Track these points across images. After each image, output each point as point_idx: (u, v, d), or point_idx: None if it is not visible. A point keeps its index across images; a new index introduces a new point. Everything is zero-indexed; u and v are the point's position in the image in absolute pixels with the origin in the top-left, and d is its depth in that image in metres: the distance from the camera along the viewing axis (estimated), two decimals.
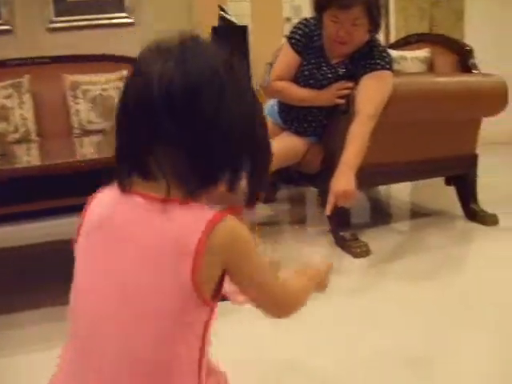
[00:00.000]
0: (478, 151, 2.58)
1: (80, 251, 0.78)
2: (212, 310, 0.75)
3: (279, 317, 0.86)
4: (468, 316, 1.76)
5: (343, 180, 1.97)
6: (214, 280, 0.74)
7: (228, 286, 0.83)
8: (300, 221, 2.76)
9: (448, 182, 2.67)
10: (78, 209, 0.81)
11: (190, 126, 0.70)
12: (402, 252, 2.29)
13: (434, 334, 1.65)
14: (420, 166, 2.42)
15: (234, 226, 0.74)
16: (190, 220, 0.72)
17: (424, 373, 1.46)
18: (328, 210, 1.98)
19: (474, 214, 2.60)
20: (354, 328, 1.72)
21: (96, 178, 0.80)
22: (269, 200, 2.96)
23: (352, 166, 2.00)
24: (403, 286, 1.98)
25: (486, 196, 2.69)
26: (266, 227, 2.66)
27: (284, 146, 2.32)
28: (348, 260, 2.24)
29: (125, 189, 0.74)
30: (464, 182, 2.62)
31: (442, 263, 2.16)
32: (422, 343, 1.60)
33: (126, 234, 0.73)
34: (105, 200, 0.78)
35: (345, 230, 2.33)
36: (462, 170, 2.59)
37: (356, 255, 2.25)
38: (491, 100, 2.45)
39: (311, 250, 2.37)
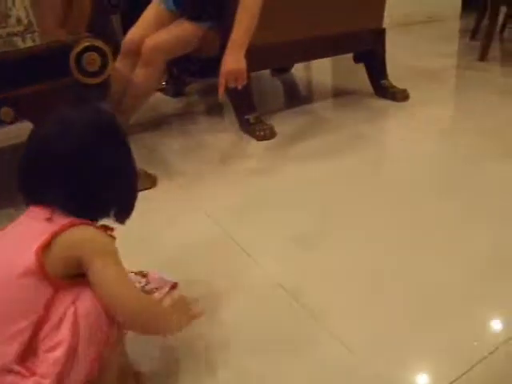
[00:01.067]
0: (387, 30, 2.52)
1: None
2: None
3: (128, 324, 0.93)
4: (367, 191, 1.74)
5: (231, 59, 1.89)
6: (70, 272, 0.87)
7: None
8: (209, 111, 2.69)
9: (357, 60, 2.61)
10: None
11: (60, 184, 0.90)
12: (308, 133, 2.24)
13: (328, 212, 1.63)
14: (322, 43, 2.34)
15: (84, 232, 0.89)
16: (53, 224, 0.87)
17: (308, 247, 1.45)
18: (220, 94, 1.92)
19: (385, 90, 2.57)
20: (251, 209, 1.71)
21: None
22: (178, 94, 2.88)
23: (241, 45, 1.91)
24: (303, 166, 1.95)
25: (397, 72, 2.66)
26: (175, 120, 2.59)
27: (176, 34, 2.20)
28: (252, 144, 2.19)
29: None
30: (373, 58, 2.56)
31: (348, 142, 2.12)
32: (313, 220, 1.59)
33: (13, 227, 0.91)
34: None
35: (249, 114, 2.27)
36: (369, 46, 2.52)
37: (259, 138, 2.20)
38: None
39: (217, 137, 2.31)
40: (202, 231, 1.60)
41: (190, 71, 2.80)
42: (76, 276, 0.87)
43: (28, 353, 0.81)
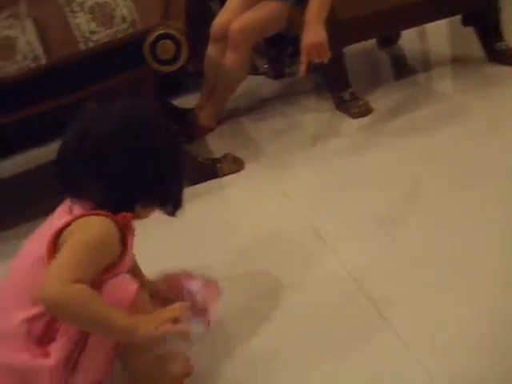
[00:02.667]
0: None
1: None
2: None
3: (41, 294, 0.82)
4: (465, 172, 1.54)
5: (311, 33, 1.81)
6: None
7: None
8: (310, 91, 2.59)
9: (466, 23, 2.37)
10: None
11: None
12: (407, 107, 2.06)
13: (417, 195, 1.49)
14: (422, 7, 2.13)
15: (88, 220, 0.90)
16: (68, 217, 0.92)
17: (395, 232, 1.34)
18: (301, 71, 1.84)
19: (500, 53, 2.28)
20: (334, 191, 1.61)
21: None
22: (279, 76, 2.82)
23: (318, 18, 1.82)
24: (397, 144, 1.79)
25: None
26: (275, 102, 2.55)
27: (261, 14, 2.16)
28: (346, 122, 2.08)
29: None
30: (484, 18, 2.30)
31: (450, 114, 1.91)
32: (399, 203, 1.47)
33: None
34: None
35: (343, 91, 2.15)
36: (479, 5, 2.28)
37: (354, 115, 2.08)
38: None
39: (312, 117, 2.23)
40: (279, 215, 1.57)
41: (287, 52, 2.75)
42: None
43: (44, 337, 0.85)
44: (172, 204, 1.02)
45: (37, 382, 0.84)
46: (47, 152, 2.53)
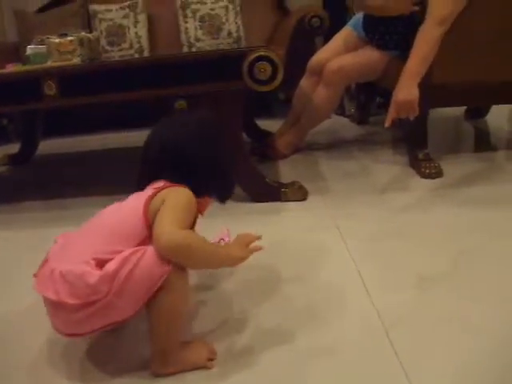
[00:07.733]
0: None
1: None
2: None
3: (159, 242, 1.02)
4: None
5: (405, 89, 1.88)
6: None
7: None
8: (387, 143, 2.66)
9: None
10: None
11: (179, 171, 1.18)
12: (477, 181, 2.07)
13: (465, 261, 1.50)
14: None
15: (178, 189, 1.13)
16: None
17: (431, 291, 1.37)
18: (387, 122, 1.91)
19: None
20: (394, 240, 1.65)
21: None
22: (362, 122, 2.91)
23: (415, 75, 1.89)
24: (457, 211, 1.81)
25: None
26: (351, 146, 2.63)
27: (360, 60, 2.26)
28: (414, 180, 2.13)
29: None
30: None
31: None
32: (449, 266, 1.48)
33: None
34: None
35: (419, 149, 2.20)
36: None
37: (423, 175, 2.13)
38: None
39: (382, 167, 2.30)
40: (325, 248, 1.62)
41: (376, 102, 2.84)
42: None
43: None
44: (225, 196, 1.30)
45: None
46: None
